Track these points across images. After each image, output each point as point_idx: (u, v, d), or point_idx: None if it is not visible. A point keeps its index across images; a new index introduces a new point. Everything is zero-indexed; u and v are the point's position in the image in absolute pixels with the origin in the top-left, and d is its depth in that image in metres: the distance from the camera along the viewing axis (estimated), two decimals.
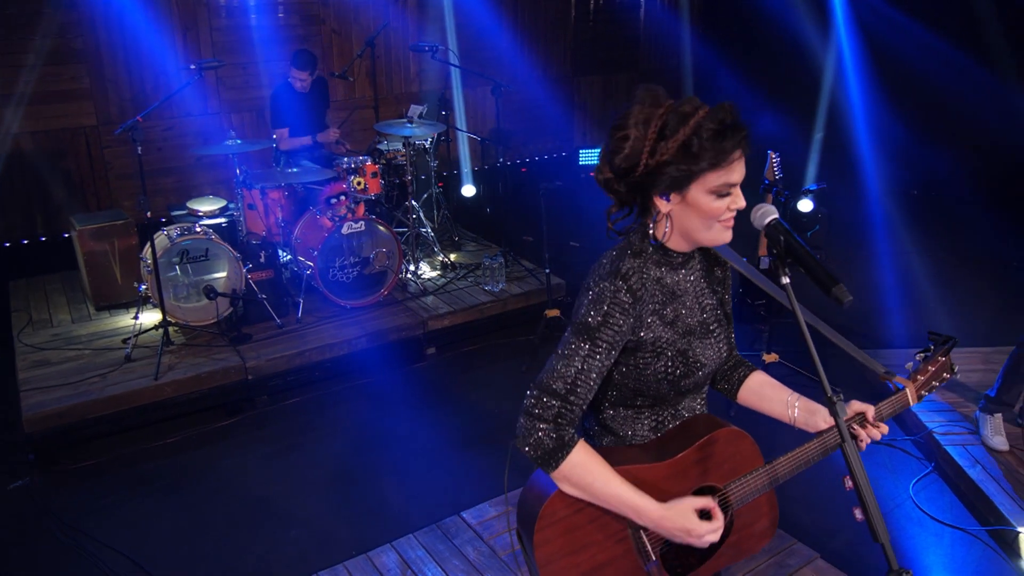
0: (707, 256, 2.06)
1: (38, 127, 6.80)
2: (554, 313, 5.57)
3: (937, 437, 4.34)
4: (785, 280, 1.83)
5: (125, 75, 7.07)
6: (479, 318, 5.66)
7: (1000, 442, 4.11)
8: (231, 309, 5.17)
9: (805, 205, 6.84)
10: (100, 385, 4.62)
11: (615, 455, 1.99)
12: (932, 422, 4.45)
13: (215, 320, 5.14)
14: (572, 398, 1.86)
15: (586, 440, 1.95)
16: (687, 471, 2.01)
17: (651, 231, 1.92)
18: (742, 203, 1.86)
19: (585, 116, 10.14)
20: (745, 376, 2.17)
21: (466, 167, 7.45)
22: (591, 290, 1.91)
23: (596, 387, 1.90)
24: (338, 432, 4.82)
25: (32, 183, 6.81)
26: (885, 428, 2.03)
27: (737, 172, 1.82)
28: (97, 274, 5.54)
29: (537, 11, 9.35)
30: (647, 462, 1.99)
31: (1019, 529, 3.70)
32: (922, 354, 2.18)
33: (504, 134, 9.05)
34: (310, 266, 5.34)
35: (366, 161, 5.57)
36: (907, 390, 2.11)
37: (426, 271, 6.16)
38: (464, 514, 3.95)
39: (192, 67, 5.02)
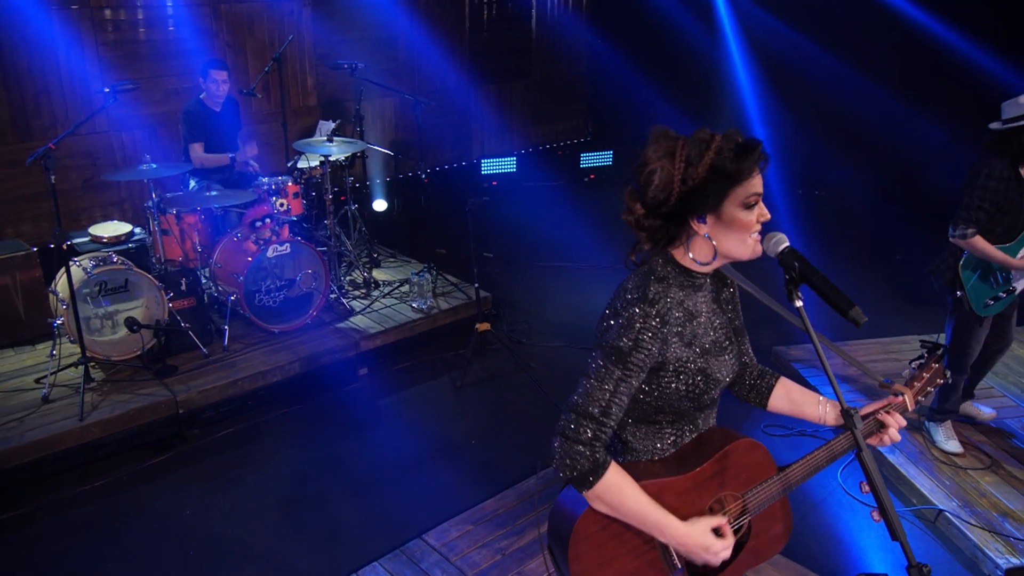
0: (715, 277, 2.17)
1: None
2: (485, 327, 5.61)
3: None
4: (798, 303, 1.95)
5: (4, 95, 6.64)
6: (409, 335, 5.62)
7: (955, 446, 4.39)
8: (154, 341, 4.95)
9: None
10: (19, 430, 4.34)
11: (637, 470, 2.07)
12: None
13: (137, 353, 4.90)
14: (605, 420, 1.94)
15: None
16: (706, 483, 2.10)
17: (690, 256, 2.00)
18: (767, 214, 1.99)
19: (483, 126, 10.20)
20: (772, 384, 2.35)
21: (377, 181, 7.37)
22: (620, 315, 1.98)
23: (626, 407, 1.98)
24: (279, 461, 4.70)
25: None
26: (903, 420, 2.22)
27: (759, 183, 1.97)
28: None
29: (432, 22, 9.35)
30: (668, 476, 2.07)
31: (940, 507, 4.00)
32: (917, 362, 2.34)
33: (404, 145, 9.06)
34: (234, 292, 5.18)
35: (287, 181, 5.44)
36: (905, 397, 2.27)
37: (350, 290, 6.07)
38: (426, 536, 3.95)
39: (106, 90, 4.77)
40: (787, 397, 2.35)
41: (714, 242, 2.00)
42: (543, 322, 6.42)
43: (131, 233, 5.84)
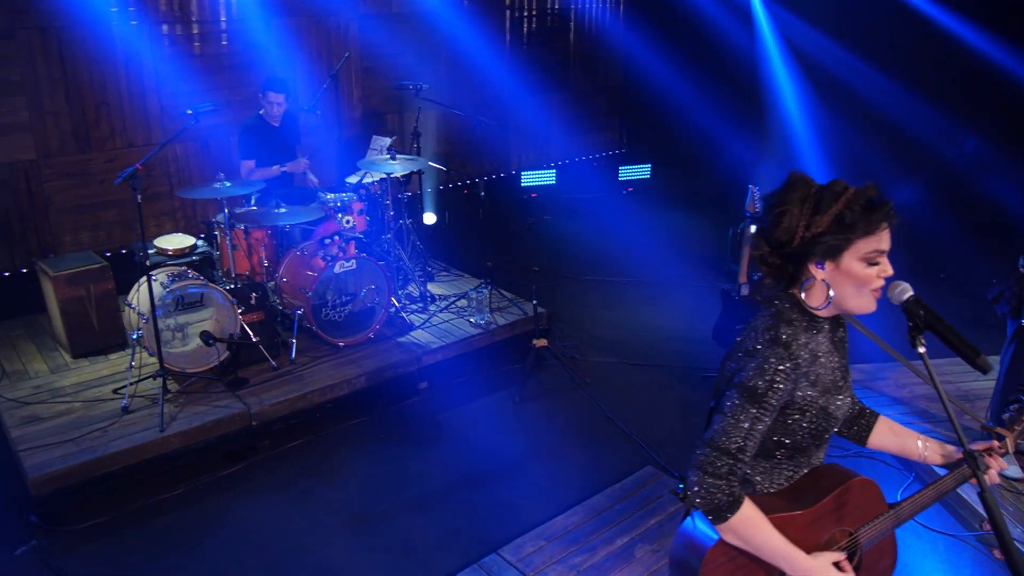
0: (831, 318, 2.28)
1: None
2: (542, 343, 5.73)
3: None
4: (921, 349, 2.06)
5: (66, 107, 6.80)
6: (468, 350, 5.74)
7: (1016, 471, 4.44)
8: (226, 354, 5.08)
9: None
10: (103, 440, 4.47)
11: (761, 504, 2.18)
12: None
13: (212, 365, 5.04)
14: (741, 456, 2.06)
15: None
16: (825, 518, 2.22)
17: (803, 297, 2.12)
18: (890, 270, 2.10)
19: (521, 138, 10.32)
20: (873, 422, 2.46)
21: (427, 194, 7.51)
22: (754, 356, 2.09)
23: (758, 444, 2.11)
24: (348, 474, 4.83)
25: None
26: (1004, 463, 2.33)
27: (885, 241, 2.07)
28: (73, 321, 5.33)
29: (473, 36, 9.46)
30: (790, 511, 2.19)
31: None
32: (1015, 405, 2.44)
33: (446, 157, 9.19)
34: (301, 306, 5.31)
35: (353, 199, 5.57)
36: (1007, 440, 2.38)
37: (406, 304, 6.20)
38: (502, 551, 4.07)
39: (189, 112, 4.91)
40: (890, 434, 2.45)
41: (831, 290, 2.10)
42: (592, 337, 6.54)
43: (194, 246, 5.98)
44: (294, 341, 5.34)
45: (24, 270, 6.69)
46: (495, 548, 4.11)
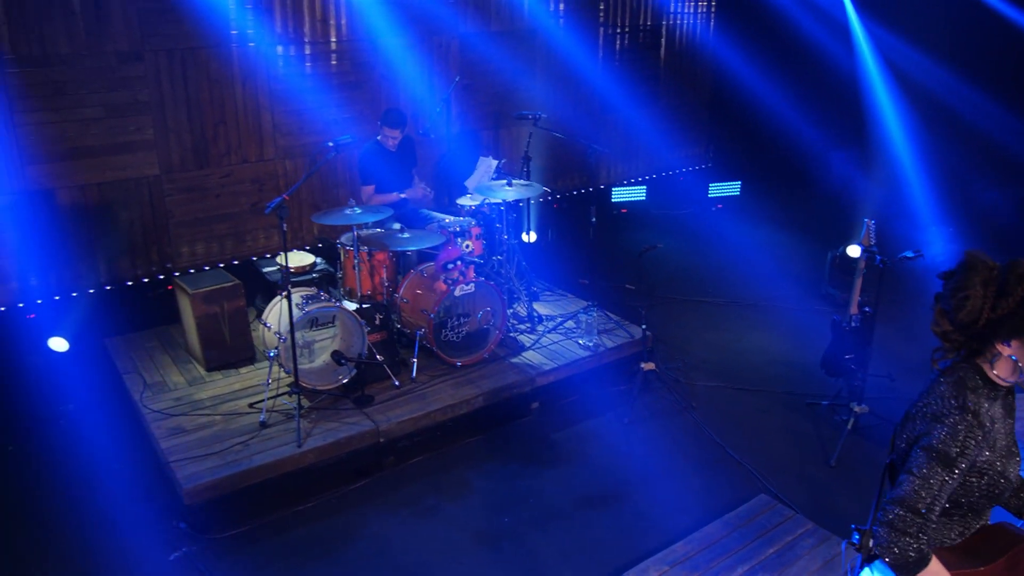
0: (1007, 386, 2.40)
1: (104, 178, 6.84)
2: (650, 367, 5.86)
3: None
4: None
5: (187, 125, 7.15)
6: (577, 372, 5.91)
7: None
8: (353, 372, 5.33)
9: (853, 250, 7.28)
10: (245, 454, 4.75)
11: (939, 559, 2.30)
12: None
13: (343, 383, 5.30)
14: (930, 515, 2.21)
15: None
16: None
17: (992, 371, 2.24)
18: None
19: (610, 152, 10.42)
20: None
21: (525, 213, 7.69)
22: (943, 422, 2.23)
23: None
24: (468, 492, 5.03)
25: (96, 234, 6.84)
26: None
27: None
28: (208, 336, 5.65)
29: (567, 53, 9.61)
30: (967, 567, 2.31)
31: None
32: None
33: (538, 171, 9.36)
34: (423, 327, 5.53)
35: (472, 223, 5.78)
36: None
37: (514, 324, 6.38)
38: (626, 575, 4.21)
39: (330, 144, 5.17)
40: None
41: (1021, 364, 2.22)
42: (694, 359, 6.64)
43: (314, 264, 6.27)
44: (415, 361, 5.57)
45: (146, 280, 7.07)
46: (617, 570, 4.26)
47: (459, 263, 5.54)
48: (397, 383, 5.45)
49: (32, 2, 6.22)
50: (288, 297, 4.87)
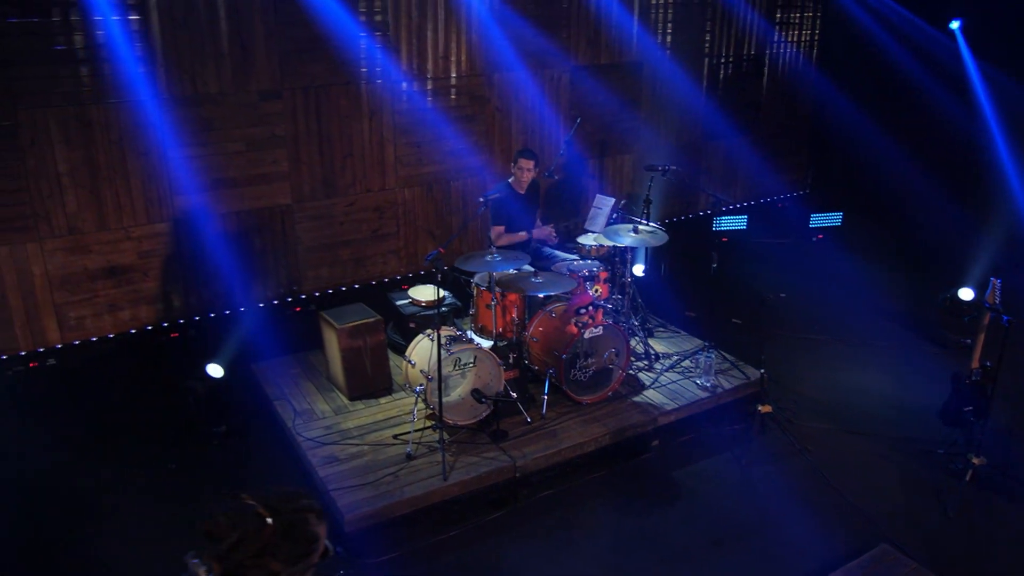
0: None
1: (243, 207, 7.33)
2: (767, 409, 6.08)
3: None
4: None
5: (319, 158, 7.59)
6: (696, 412, 6.16)
7: None
8: (490, 408, 5.69)
9: (966, 294, 7.37)
10: (396, 485, 5.14)
11: None
12: None
13: (482, 418, 5.67)
14: None
15: None
16: None
17: None
18: None
19: (712, 179, 10.60)
20: None
21: (641, 249, 7.92)
22: None
23: None
24: (599, 527, 5.32)
25: (232, 260, 7.33)
26: None
27: None
28: (351, 367, 6.06)
29: (673, 83, 9.82)
30: None
31: None
32: None
33: (638, 199, 9.59)
34: (553, 366, 5.85)
35: (600, 268, 6.08)
36: None
37: (632, 361, 6.66)
38: None
39: (481, 200, 5.54)
40: None
41: None
42: (805, 399, 6.80)
43: (443, 298, 6.64)
44: (545, 398, 5.90)
45: (275, 301, 7.55)
46: None
47: (591, 308, 5.84)
48: (528, 419, 5.78)
49: (187, 46, 6.72)
50: (437, 340, 5.22)
